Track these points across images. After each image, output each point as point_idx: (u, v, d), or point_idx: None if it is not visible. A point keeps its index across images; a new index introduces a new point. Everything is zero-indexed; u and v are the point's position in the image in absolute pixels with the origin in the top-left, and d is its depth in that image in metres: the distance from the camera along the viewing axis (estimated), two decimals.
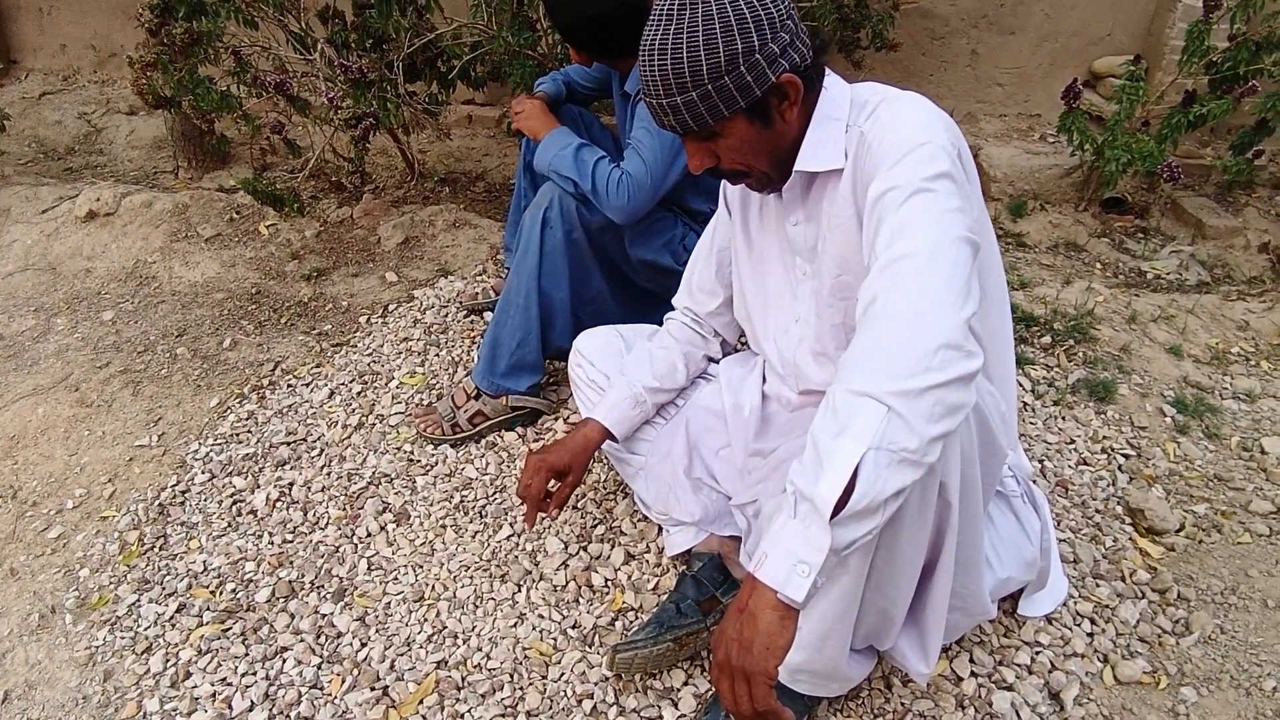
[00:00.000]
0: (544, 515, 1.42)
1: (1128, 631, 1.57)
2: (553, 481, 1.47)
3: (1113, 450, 2.04)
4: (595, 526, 1.72)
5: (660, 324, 2.20)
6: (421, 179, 3.48)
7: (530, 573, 1.64)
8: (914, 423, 0.86)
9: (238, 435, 2.11)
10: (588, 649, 1.49)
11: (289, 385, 2.29)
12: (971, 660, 1.47)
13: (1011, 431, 1.33)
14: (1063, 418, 2.13)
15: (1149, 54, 3.46)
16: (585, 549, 1.67)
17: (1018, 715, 1.40)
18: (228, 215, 2.96)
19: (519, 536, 1.72)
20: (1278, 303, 2.61)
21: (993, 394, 1.22)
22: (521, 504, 1.49)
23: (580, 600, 1.58)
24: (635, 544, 1.68)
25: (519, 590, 1.61)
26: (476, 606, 1.59)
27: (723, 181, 1.48)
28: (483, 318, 2.44)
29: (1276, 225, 3.13)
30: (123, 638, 1.61)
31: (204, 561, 1.77)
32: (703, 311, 1.56)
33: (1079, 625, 1.57)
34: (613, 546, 1.67)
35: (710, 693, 1.40)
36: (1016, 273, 2.77)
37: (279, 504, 1.88)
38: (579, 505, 1.77)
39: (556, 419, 2.00)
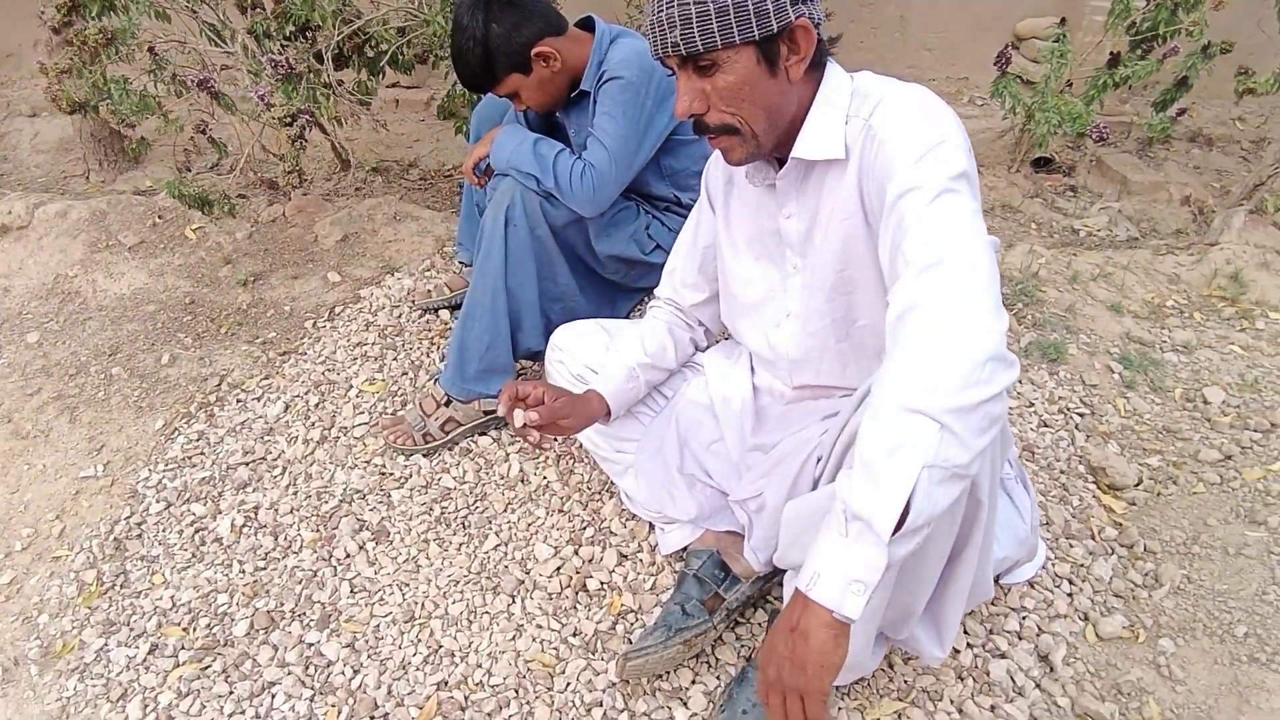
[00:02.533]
0: (542, 443, 1.34)
1: (1103, 588, 1.63)
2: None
3: (1069, 410, 2.11)
4: (584, 529, 1.70)
5: (627, 315, 2.18)
6: (350, 169, 3.33)
7: (523, 582, 1.61)
8: (966, 438, 0.87)
9: (190, 458, 2.01)
10: (591, 656, 1.47)
11: (239, 400, 2.19)
12: (965, 631, 1.51)
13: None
14: (1020, 381, 2.19)
15: (1070, 15, 3.56)
16: (577, 552, 1.65)
17: (1013, 681, 1.45)
18: (150, 220, 2.78)
19: (507, 546, 1.68)
20: (1204, 255, 2.73)
21: None
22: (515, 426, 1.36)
23: (578, 606, 1.56)
24: (627, 544, 1.66)
25: (513, 601, 1.58)
26: (471, 622, 1.55)
27: (705, 175, 1.45)
28: (438, 316, 2.37)
29: (1195, 177, 3.27)
30: (94, 685, 1.53)
31: (172, 597, 1.68)
32: (687, 305, 1.54)
33: (1059, 587, 1.62)
34: (604, 548, 1.65)
35: (720, 690, 1.41)
36: None
37: (245, 530, 1.80)
38: (565, 509, 1.74)
39: None
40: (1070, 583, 1.64)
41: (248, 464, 1.97)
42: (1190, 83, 2.96)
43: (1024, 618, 1.56)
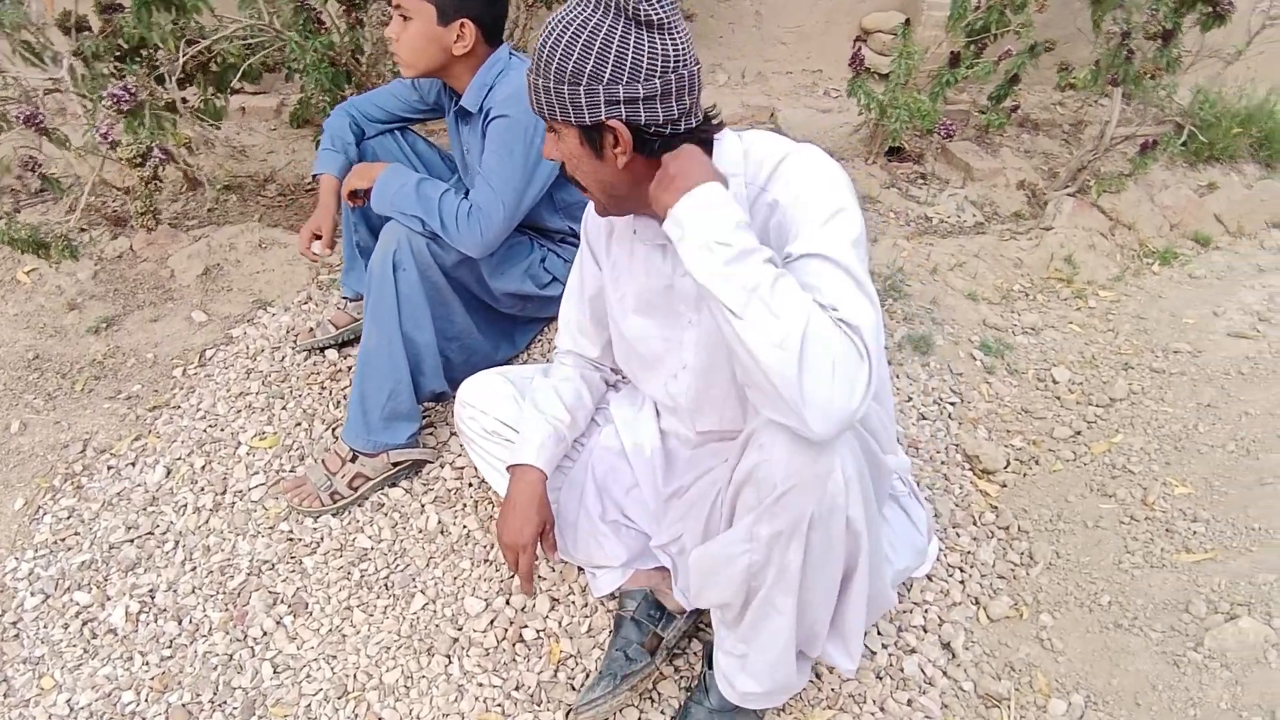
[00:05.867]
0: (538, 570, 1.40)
1: (989, 572, 1.81)
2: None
3: (942, 400, 2.29)
4: (513, 578, 1.70)
5: (527, 348, 2.17)
6: (196, 186, 3.09)
7: (457, 640, 1.60)
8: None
9: (63, 540, 1.85)
10: (538, 708, 1.49)
11: (109, 467, 2.02)
12: (879, 633, 1.64)
13: (892, 438, 1.44)
14: (898, 376, 2.35)
15: (909, 12, 3.77)
16: (508, 603, 1.65)
17: (923, 673, 1.59)
18: None
19: (435, 604, 1.66)
20: (1042, 239, 3.01)
21: (876, 411, 1.32)
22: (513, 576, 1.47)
23: (517, 659, 1.57)
24: (557, 587, 1.68)
25: (450, 661, 1.57)
26: (409, 689, 1.53)
27: (584, 227, 1.47)
28: (325, 357, 2.26)
29: (1027, 161, 3.58)
30: None
31: (68, 701, 1.56)
32: (591, 356, 1.56)
33: (952, 576, 1.78)
34: (535, 595, 1.67)
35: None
36: None
37: (143, 616, 1.69)
38: (490, 559, 1.74)
39: (441, 465, 1.93)
40: (961, 570, 1.80)
41: (133, 541, 1.83)
42: (1019, 77, 3.23)
43: (926, 610, 1.70)
